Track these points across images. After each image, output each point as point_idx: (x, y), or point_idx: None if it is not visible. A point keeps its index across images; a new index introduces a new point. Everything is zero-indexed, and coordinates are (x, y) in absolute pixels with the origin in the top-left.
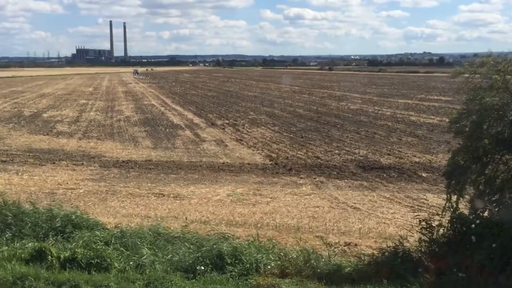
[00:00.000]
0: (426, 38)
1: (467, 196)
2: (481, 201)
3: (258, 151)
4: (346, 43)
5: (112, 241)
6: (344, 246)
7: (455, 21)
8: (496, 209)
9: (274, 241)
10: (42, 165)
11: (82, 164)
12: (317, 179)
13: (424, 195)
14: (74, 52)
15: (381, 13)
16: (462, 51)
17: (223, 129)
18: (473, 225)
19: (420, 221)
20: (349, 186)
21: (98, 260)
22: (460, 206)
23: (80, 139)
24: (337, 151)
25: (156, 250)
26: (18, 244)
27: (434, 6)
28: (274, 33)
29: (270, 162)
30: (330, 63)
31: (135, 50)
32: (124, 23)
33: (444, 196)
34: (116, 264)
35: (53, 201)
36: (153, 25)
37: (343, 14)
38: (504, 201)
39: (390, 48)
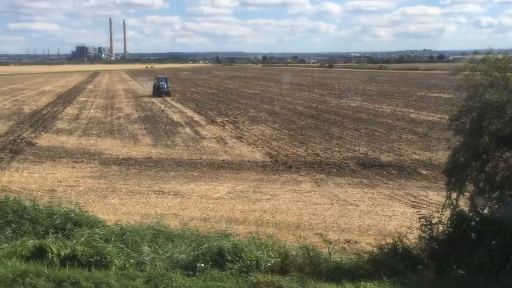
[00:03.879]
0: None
1: (467, 193)
2: (481, 199)
3: (258, 149)
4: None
5: (112, 239)
6: (344, 243)
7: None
8: (496, 207)
9: (274, 238)
10: (42, 163)
11: (82, 161)
12: (317, 176)
13: (425, 192)
14: (74, 49)
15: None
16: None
17: (223, 126)
18: (473, 222)
19: (419, 218)
20: (349, 184)
21: (98, 257)
22: (460, 203)
23: (80, 137)
24: (337, 149)
25: (156, 247)
26: (18, 242)
27: None
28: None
29: (270, 160)
30: (330, 60)
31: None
32: (124, 20)
33: (444, 193)
34: (116, 261)
35: (53, 198)
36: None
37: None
38: (504, 198)
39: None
